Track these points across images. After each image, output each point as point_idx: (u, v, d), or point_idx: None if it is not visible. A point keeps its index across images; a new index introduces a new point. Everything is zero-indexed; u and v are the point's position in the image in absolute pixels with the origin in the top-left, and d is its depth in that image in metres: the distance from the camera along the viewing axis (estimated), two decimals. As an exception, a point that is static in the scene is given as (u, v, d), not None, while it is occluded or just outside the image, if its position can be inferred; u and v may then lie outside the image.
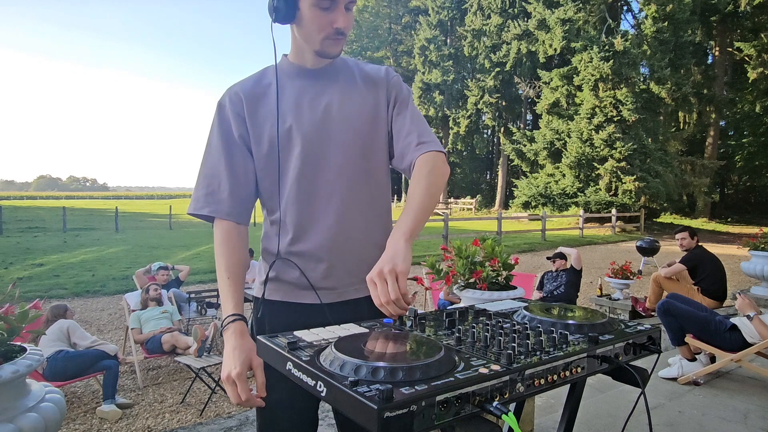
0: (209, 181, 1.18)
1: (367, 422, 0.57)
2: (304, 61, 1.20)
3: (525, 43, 24.10)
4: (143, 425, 3.58)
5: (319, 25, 1.09)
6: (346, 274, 1.20)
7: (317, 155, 1.16)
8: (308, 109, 1.17)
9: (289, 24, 1.14)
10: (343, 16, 1.09)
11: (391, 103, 1.25)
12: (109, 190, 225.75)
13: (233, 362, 1.06)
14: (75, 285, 8.50)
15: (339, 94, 1.20)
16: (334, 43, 1.13)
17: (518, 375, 0.71)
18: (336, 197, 1.17)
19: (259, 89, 1.19)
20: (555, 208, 22.10)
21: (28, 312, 1.94)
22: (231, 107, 1.18)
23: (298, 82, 1.20)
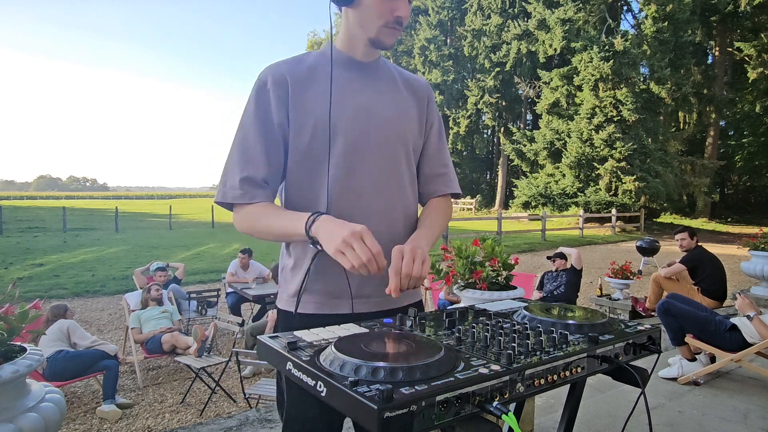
0: (244, 167, 1.07)
1: (367, 422, 0.57)
2: (353, 51, 1.15)
3: (525, 43, 24.09)
4: (143, 425, 3.58)
5: (380, 11, 1.05)
6: (382, 283, 1.13)
7: (362, 155, 1.11)
8: (354, 105, 1.12)
9: (347, 6, 1.09)
10: (405, 5, 1.06)
11: (429, 121, 1.26)
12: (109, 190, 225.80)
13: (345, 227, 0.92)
14: (75, 285, 8.50)
15: (384, 94, 1.17)
16: (390, 32, 1.08)
17: (518, 375, 0.71)
18: (379, 200, 1.13)
19: (304, 74, 1.11)
20: (555, 208, 22.10)
21: (28, 312, 1.94)
22: (274, 89, 1.08)
23: (346, 74, 1.14)
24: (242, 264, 6.39)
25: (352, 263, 0.89)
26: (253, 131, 1.08)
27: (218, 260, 11.37)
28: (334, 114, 1.08)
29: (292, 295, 1.12)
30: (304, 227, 0.97)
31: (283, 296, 1.16)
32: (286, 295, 1.14)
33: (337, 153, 1.09)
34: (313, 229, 0.96)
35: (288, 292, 1.14)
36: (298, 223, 0.99)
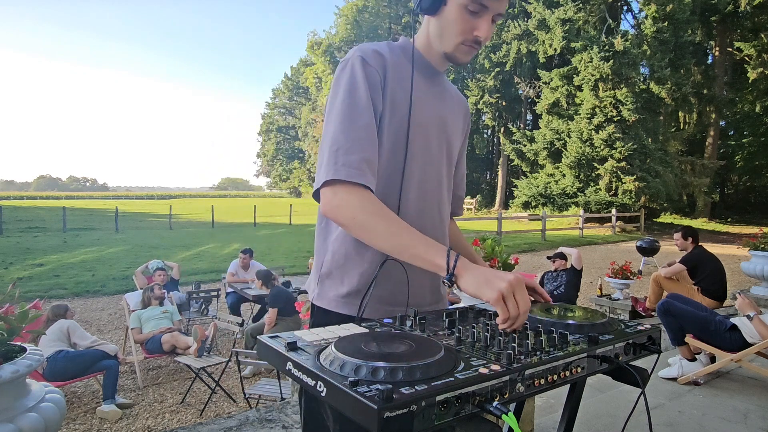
0: (364, 145, 0.97)
1: (367, 422, 0.57)
2: (430, 57, 1.13)
3: (525, 43, 24.10)
4: (143, 425, 3.58)
5: (461, 29, 1.03)
6: (429, 292, 1.15)
7: (435, 163, 1.11)
8: (430, 108, 1.11)
9: (429, 15, 1.07)
10: (488, 25, 1.02)
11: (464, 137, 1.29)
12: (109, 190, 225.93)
13: (505, 273, 0.85)
14: (75, 285, 8.51)
15: (449, 107, 1.18)
16: (467, 50, 1.06)
17: (518, 375, 0.71)
18: (438, 203, 1.14)
19: (393, 63, 1.07)
20: (555, 208, 22.10)
21: (28, 312, 1.94)
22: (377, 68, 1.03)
23: (423, 79, 1.11)
24: (243, 264, 6.39)
25: (510, 313, 0.82)
26: (366, 107, 0.99)
27: (218, 260, 11.37)
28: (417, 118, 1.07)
29: (344, 297, 1.06)
30: (446, 261, 0.88)
31: (328, 295, 1.09)
32: (334, 295, 1.08)
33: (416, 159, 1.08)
34: (459, 266, 0.87)
35: (338, 292, 1.07)
36: (434, 252, 0.89)
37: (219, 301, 6.46)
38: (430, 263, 0.89)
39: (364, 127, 0.98)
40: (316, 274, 1.12)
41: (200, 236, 17.68)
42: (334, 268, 1.08)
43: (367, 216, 0.93)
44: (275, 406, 2.68)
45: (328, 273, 1.09)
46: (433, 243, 0.91)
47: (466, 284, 0.86)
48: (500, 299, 0.82)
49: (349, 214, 0.94)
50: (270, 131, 61.05)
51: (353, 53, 1.04)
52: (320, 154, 1.01)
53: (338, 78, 1.04)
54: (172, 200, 60.35)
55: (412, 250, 0.91)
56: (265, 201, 55.37)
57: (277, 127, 59.18)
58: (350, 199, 0.95)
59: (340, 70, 1.04)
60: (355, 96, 1.00)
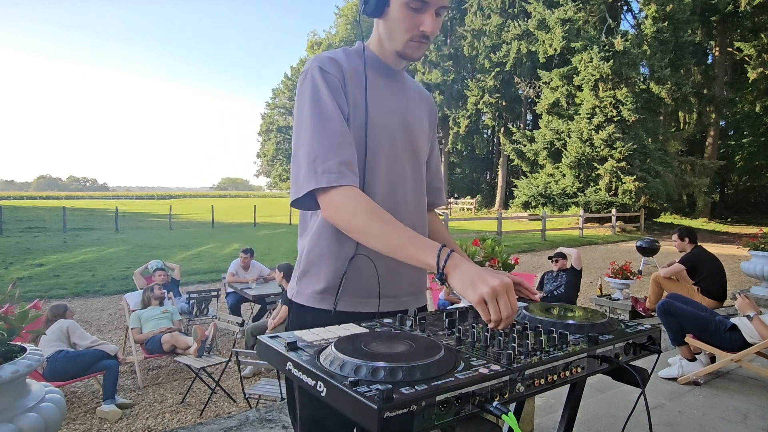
0: (339, 150, 1.01)
1: (367, 422, 0.57)
2: (385, 58, 1.17)
3: (525, 43, 24.09)
4: (143, 425, 3.58)
5: (407, 26, 1.07)
6: (408, 283, 1.19)
7: (400, 157, 1.15)
8: (391, 109, 1.15)
9: (376, 17, 1.12)
10: (432, 20, 1.06)
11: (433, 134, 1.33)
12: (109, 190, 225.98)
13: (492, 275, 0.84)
14: (75, 285, 8.51)
15: (411, 103, 1.22)
16: (417, 46, 1.10)
17: (518, 375, 0.71)
18: (411, 200, 1.17)
19: (350, 69, 1.10)
20: (555, 208, 22.10)
21: (28, 312, 1.94)
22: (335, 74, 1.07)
23: (380, 80, 1.15)
24: (243, 264, 6.39)
25: (492, 317, 0.82)
26: (335, 113, 1.03)
27: (218, 260, 11.37)
28: (377, 116, 1.11)
29: (320, 293, 1.10)
30: (437, 260, 0.89)
31: (306, 291, 1.12)
32: (311, 291, 1.11)
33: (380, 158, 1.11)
34: (449, 264, 0.88)
35: (314, 289, 1.11)
36: (425, 251, 0.91)
37: (219, 301, 6.46)
38: (422, 262, 0.92)
39: (336, 132, 1.02)
40: (296, 272, 1.17)
41: (200, 236, 17.68)
42: (310, 266, 1.12)
43: (361, 219, 0.96)
44: (275, 406, 2.68)
45: (305, 271, 1.13)
46: (425, 242, 0.93)
47: (454, 284, 0.88)
48: (481, 302, 0.82)
49: (345, 218, 0.98)
50: (270, 131, 61.02)
51: (310, 64, 1.08)
52: (296, 165, 1.04)
53: (301, 90, 1.08)
54: (172, 200, 60.36)
55: (404, 251, 0.93)
56: (265, 201, 55.39)
57: (277, 127, 59.15)
58: (345, 203, 0.98)
59: (301, 83, 1.08)
60: (321, 104, 1.03)
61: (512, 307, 0.82)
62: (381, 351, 0.74)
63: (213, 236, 17.65)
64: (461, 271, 0.87)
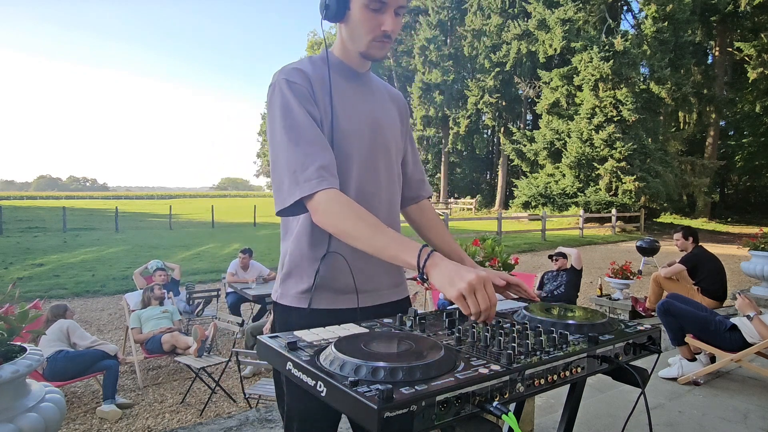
0: (316, 156, 1.04)
1: (367, 422, 0.57)
2: (349, 61, 1.20)
3: (525, 43, 24.09)
4: (143, 425, 3.58)
5: (368, 27, 1.09)
6: (386, 276, 1.21)
7: (371, 158, 1.18)
8: (358, 111, 1.17)
9: (337, 22, 1.14)
10: (392, 19, 1.09)
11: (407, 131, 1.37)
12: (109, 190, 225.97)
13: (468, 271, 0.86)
14: (75, 285, 8.51)
15: (379, 103, 1.25)
16: (380, 45, 1.13)
17: (518, 375, 0.71)
18: (384, 199, 1.21)
19: (316, 76, 1.13)
20: (555, 208, 22.10)
21: (28, 312, 1.94)
22: (303, 84, 1.10)
23: (346, 84, 1.18)
24: (243, 264, 6.39)
25: (470, 309, 0.85)
26: (307, 122, 1.06)
27: (218, 260, 11.37)
28: (345, 120, 1.13)
29: (303, 293, 1.14)
30: (417, 260, 0.92)
31: (290, 293, 1.16)
32: (295, 292, 1.15)
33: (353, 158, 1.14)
34: (428, 264, 0.91)
35: (297, 289, 1.15)
36: (407, 252, 0.94)
37: (219, 301, 6.46)
38: (404, 262, 0.95)
39: (311, 141, 1.05)
40: (279, 275, 1.21)
41: (200, 236, 17.67)
42: (292, 268, 1.16)
43: (347, 224, 1.00)
44: (275, 406, 2.68)
45: (288, 273, 1.17)
46: (407, 242, 0.96)
47: (434, 281, 0.90)
48: (460, 297, 0.85)
49: (332, 223, 1.01)
50: (270, 131, 60.97)
51: (276, 77, 1.11)
52: (276, 177, 1.07)
53: (271, 103, 1.10)
54: (172, 200, 60.36)
55: (388, 252, 0.97)
56: (265, 201, 55.36)
57: (277, 127, 59.10)
58: (330, 208, 1.01)
59: (270, 96, 1.11)
60: (292, 115, 1.06)
61: (490, 300, 0.84)
62: (381, 351, 0.74)
63: (213, 236, 17.64)
64: (440, 270, 0.90)
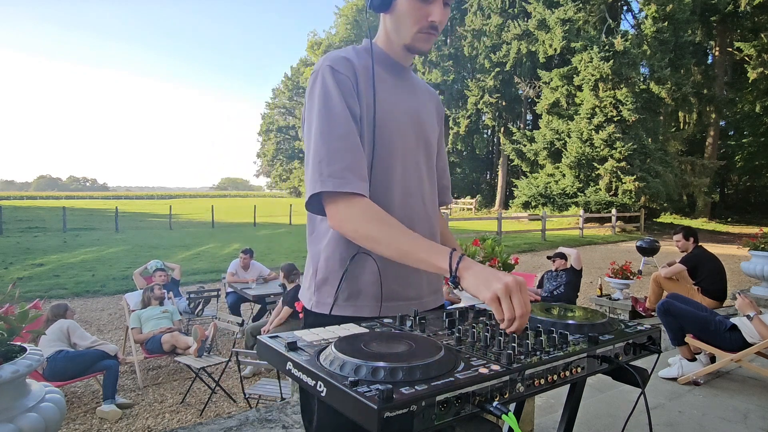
0: (344, 155, 0.99)
1: (367, 422, 0.57)
2: (393, 54, 1.15)
3: (525, 43, 24.09)
4: (143, 425, 3.58)
5: (415, 17, 1.05)
6: (426, 283, 1.17)
7: (414, 154, 1.14)
8: (401, 106, 1.13)
9: (382, 12, 1.10)
10: (441, 10, 1.05)
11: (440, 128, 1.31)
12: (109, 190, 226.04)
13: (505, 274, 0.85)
14: (75, 285, 8.51)
15: (421, 100, 1.21)
16: (426, 38, 1.08)
17: (518, 375, 0.71)
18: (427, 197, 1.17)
19: (360, 67, 1.08)
20: (555, 208, 22.10)
21: (28, 312, 1.94)
22: (347, 74, 1.05)
23: (390, 77, 1.14)
24: (243, 264, 6.39)
25: (505, 314, 0.82)
26: (343, 115, 1.01)
27: (218, 260, 11.37)
28: (388, 114, 1.09)
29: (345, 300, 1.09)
30: (449, 263, 0.89)
31: (327, 301, 1.10)
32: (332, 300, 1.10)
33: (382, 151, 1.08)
34: (461, 267, 0.89)
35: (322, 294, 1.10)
36: (437, 256, 0.91)
37: (219, 301, 6.46)
38: (434, 266, 0.92)
39: (343, 136, 1.00)
40: (311, 281, 1.12)
41: (200, 236, 17.67)
42: (330, 273, 1.09)
43: (368, 227, 0.96)
44: (275, 406, 2.68)
45: (324, 279, 1.10)
46: (434, 246, 0.94)
47: (467, 285, 0.88)
48: (495, 299, 0.82)
49: (352, 227, 0.97)
50: (270, 131, 61.00)
51: (321, 63, 1.06)
52: (306, 168, 1.03)
53: (311, 90, 1.06)
54: (172, 200, 60.35)
55: (415, 255, 0.93)
56: (265, 201, 55.39)
57: (277, 127, 59.15)
58: (351, 212, 0.97)
59: (312, 83, 1.06)
60: (330, 106, 1.01)
61: (525, 306, 0.81)
62: (381, 351, 0.74)
63: (213, 236, 17.64)
64: (474, 272, 0.87)
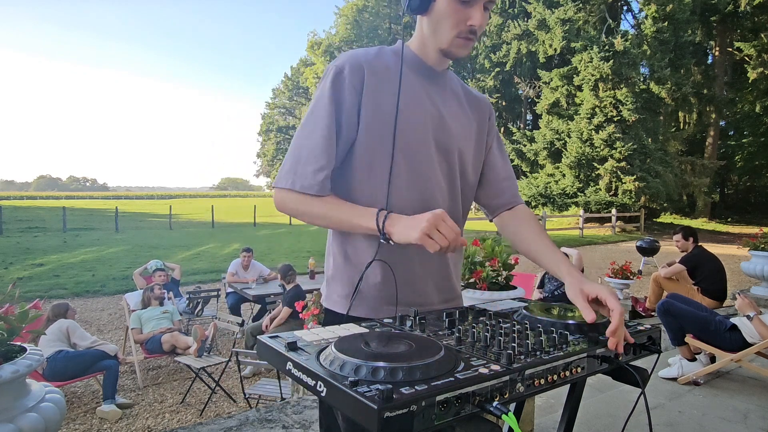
0: (320, 156, 1.02)
1: (367, 422, 0.57)
2: (426, 57, 1.13)
3: (525, 43, 24.10)
4: (143, 425, 3.58)
5: (455, 20, 1.02)
6: (436, 291, 1.15)
7: (425, 161, 1.09)
8: (423, 110, 1.10)
9: (420, 14, 1.08)
10: (481, 14, 1.02)
11: (491, 136, 1.27)
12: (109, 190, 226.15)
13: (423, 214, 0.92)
14: (75, 285, 8.51)
15: (450, 106, 1.16)
16: (464, 43, 1.06)
17: (518, 375, 0.71)
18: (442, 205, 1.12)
19: (382, 68, 1.07)
20: (555, 208, 22.10)
21: (28, 312, 1.94)
22: (350, 77, 1.04)
23: (417, 79, 1.11)
24: (245, 263, 6.39)
25: (440, 244, 0.89)
26: (330, 120, 1.04)
27: (218, 260, 11.37)
28: (402, 116, 1.06)
29: (344, 297, 1.11)
30: (375, 223, 0.96)
31: (333, 296, 1.14)
32: (337, 296, 1.12)
33: (401, 156, 1.06)
34: (387, 224, 0.95)
35: (339, 293, 1.12)
36: (365, 217, 0.98)
37: (219, 301, 6.46)
38: (366, 228, 0.98)
39: (326, 137, 1.03)
40: (325, 276, 1.20)
41: (200, 236, 17.68)
42: (336, 271, 1.14)
43: (306, 204, 1.03)
44: (275, 406, 2.68)
45: (332, 276, 1.15)
46: (364, 210, 1.00)
47: (398, 237, 0.94)
48: (424, 236, 0.89)
49: (293, 206, 1.04)
50: (270, 131, 60.98)
51: (333, 63, 1.08)
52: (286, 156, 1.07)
53: (319, 84, 1.10)
54: (172, 200, 60.37)
55: (349, 222, 1.00)
56: (265, 201, 55.36)
57: (277, 127, 59.13)
58: (291, 194, 1.04)
59: (323, 77, 1.09)
60: (318, 107, 1.05)
61: (453, 230, 0.90)
62: (381, 351, 0.74)
63: (213, 236, 17.64)
64: (400, 223, 0.94)
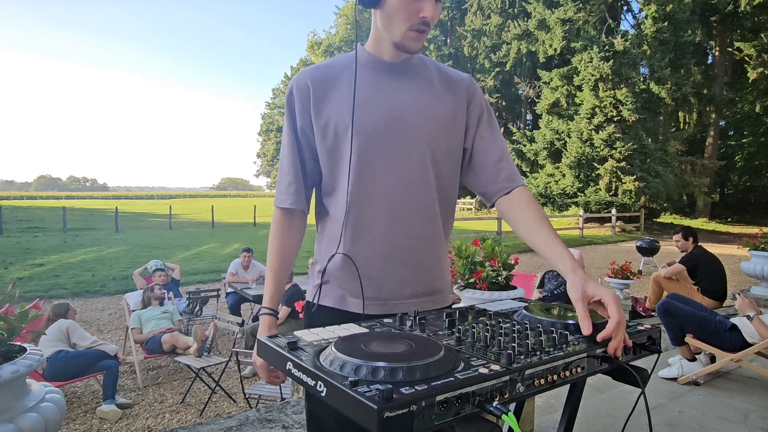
0: (287, 173, 1.18)
1: (367, 422, 0.57)
2: (381, 53, 1.14)
3: (525, 43, 24.09)
4: (143, 425, 3.58)
5: (406, 13, 1.03)
6: (399, 285, 1.13)
7: (379, 155, 1.09)
8: (376, 105, 1.09)
9: (373, 8, 1.09)
10: (433, 5, 1.02)
11: (473, 116, 1.19)
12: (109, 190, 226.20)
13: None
14: (75, 285, 8.51)
15: (413, 94, 1.13)
16: (416, 36, 1.06)
17: (518, 375, 0.71)
18: (398, 201, 1.11)
19: (330, 76, 1.12)
20: (555, 208, 22.10)
21: (28, 312, 1.94)
22: (298, 96, 1.12)
23: (372, 75, 1.12)
24: (245, 263, 6.39)
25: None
26: (289, 140, 1.17)
27: (218, 260, 11.37)
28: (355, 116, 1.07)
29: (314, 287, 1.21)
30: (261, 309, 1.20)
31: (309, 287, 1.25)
32: (311, 287, 1.23)
33: (358, 155, 1.08)
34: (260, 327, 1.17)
35: (312, 284, 1.23)
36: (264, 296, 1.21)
37: (219, 301, 6.46)
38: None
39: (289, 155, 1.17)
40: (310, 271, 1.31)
41: (200, 236, 17.68)
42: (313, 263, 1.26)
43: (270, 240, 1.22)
44: (275, 406, 2.68)
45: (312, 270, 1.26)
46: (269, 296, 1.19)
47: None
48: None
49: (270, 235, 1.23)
50: (270, 131, 60.98)
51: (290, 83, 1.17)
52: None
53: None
54: (172, 200, 60.35)
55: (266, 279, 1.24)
56: (265, 201, 55.34)
57: (277, 127, 59.11)
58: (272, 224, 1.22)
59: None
60: (284, 129, 1.19)
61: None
62: (381, 351, 0.74)
63: (213, 236, 17.64)
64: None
